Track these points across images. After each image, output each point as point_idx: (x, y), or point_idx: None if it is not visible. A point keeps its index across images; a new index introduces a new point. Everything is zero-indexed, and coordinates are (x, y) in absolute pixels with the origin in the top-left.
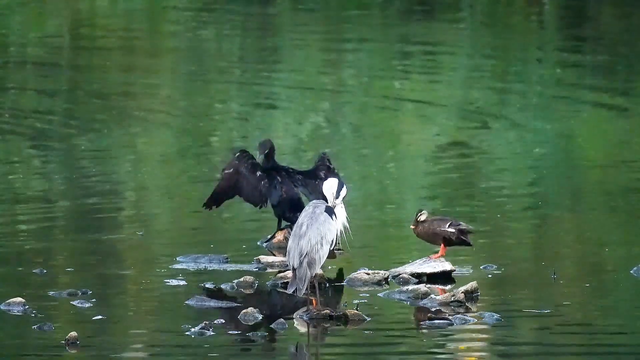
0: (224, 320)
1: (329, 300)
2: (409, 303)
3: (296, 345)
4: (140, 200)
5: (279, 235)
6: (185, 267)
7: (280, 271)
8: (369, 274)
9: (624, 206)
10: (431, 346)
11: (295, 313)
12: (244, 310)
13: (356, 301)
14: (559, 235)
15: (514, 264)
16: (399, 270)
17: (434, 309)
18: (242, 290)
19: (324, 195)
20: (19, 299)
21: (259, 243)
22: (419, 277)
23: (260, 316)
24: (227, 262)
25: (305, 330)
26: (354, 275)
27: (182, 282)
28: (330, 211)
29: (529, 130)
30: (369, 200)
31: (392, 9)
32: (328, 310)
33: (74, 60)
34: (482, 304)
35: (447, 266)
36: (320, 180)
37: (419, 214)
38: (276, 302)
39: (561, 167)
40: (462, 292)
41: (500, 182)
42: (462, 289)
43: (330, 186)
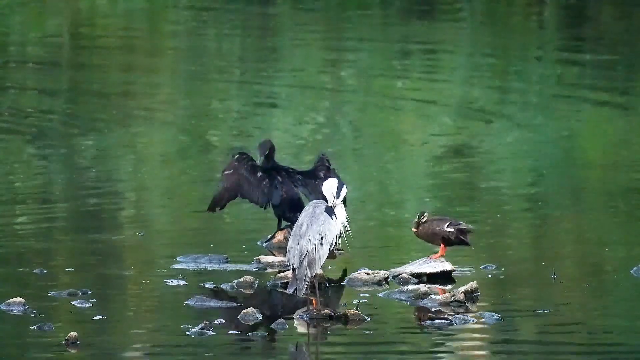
0: (224, 320)
1: (329, 300)
2: (409, 303)
3: (296, 345)
4: (141, 200)
5: (279, 235)
6: (185, 267)
7: (280, 271)
8: (369, 274)
9: (624, 206)
10: (431, 346)
11: (295, 313)
12: (244, 310)
13: (356, 301)
14: (559, 235)
15: (514, 264)
16: (399, 270)
17: (434, 309)
18: (242, 290)
19: (324, 195)
20: (19, 299)
21: (259, 243)
22: (419, 277)
23: (260, 316)
24: (227, 262)
25: (305, 330)
26: (354, 275)
27: (182, 282)
28: (330, 211)
29: (529, 130)
30: (369, 200)
31: (392, 9)
32: (328, 310)
33: (74, 60)
34: (482, 304)
35: (447, 266)
36: (320, 180)
37: (422, 217)
38: (276, 302)
39: (561, 167)
40: (462, 292)
41: (500, 182)
42: (462, 289)
43: (330, 186)
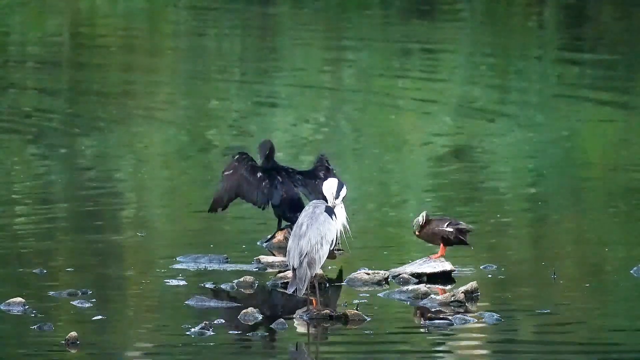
0: (224, 320)
1: (329, 300)
2: (409, 303)
3: (296, 345)
4: (141, 201)
5: (279, 235)
6: (185, 267)
7: (280, 271)
8: (369, 274)
9: (624, 206)
10: (431, 346)
11: (295, 313)
12: (244, 310)
13: (356, 301)
14: (559, 235)
15: (514, 264)
16: (399, 270)
17: (434, 309)
18: (242, 290)
19: (324, 195)
20: (19, 299)
21: (259, 243)
22: (419, 277)
23: (260, 316)
24: (227, 262)
25: (305, 330)
26: (354, 275)
27: (182, 282)
28: (330, 211)
29: (529, 130)
30: (369, 200)
31: (392, 9)
32: (328, 310)
33: (74, 60)
34: (482, 304)
35: (447, 266)
36: (319, 180)
37: (423, 220)
38: (276, 302)
39: (561, 167)
40: (462, 292)
41: (500, 182)
42: (462, 289)
43: (330, 186)
